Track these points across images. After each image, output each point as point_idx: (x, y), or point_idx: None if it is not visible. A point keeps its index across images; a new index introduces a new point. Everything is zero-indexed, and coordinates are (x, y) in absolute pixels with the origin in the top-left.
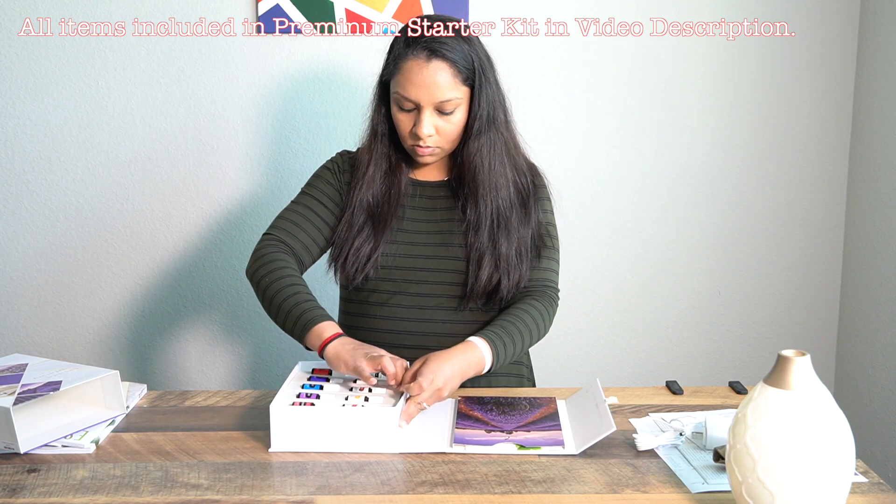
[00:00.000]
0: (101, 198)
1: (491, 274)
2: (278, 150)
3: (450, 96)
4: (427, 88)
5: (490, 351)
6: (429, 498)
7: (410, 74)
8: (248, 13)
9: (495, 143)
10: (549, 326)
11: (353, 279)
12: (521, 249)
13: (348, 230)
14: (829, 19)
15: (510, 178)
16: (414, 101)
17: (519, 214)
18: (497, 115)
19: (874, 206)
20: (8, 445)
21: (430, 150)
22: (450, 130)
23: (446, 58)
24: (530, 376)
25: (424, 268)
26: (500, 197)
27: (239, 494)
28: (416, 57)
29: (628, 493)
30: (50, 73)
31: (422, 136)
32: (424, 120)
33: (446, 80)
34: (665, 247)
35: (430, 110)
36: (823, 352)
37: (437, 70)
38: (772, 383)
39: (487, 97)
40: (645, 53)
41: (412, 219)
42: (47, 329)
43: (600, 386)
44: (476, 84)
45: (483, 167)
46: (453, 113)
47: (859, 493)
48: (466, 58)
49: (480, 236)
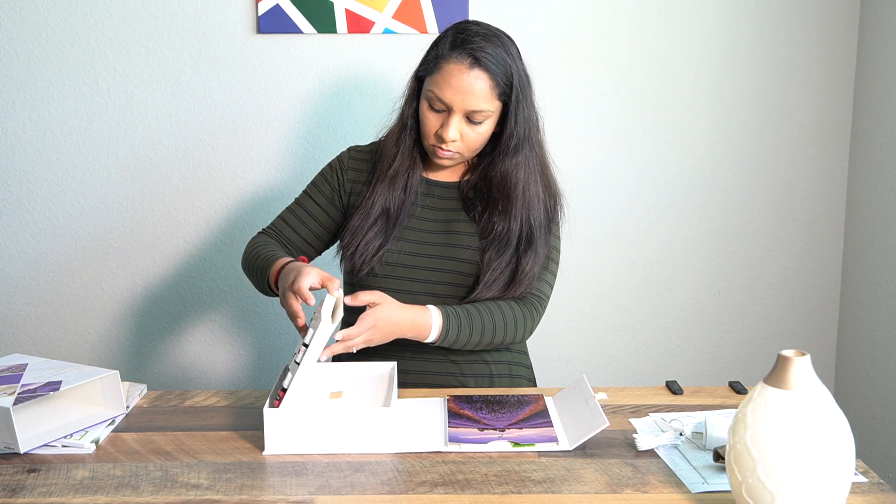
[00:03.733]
0: (101, 198)
1: (501, 290)
2: (278, 150)
3: (483, 107)
4: (463, 94)
5: (440, 323)
6: (429, 498)
7: (450, 77)
8: (248, 13)
9: (530, 161)
10: (527, 333)
11: (360, 270)
12: (534, 269)
13: (363, 220)
14: (829, 19)
15: (542, 197)
16: (447, 103)
17: (545, 234)
18: (532, 134)
19: (874, 206)
20: (8, 445)
21: (450, 153)
22: (473, 139)
23: (489, 69)
24: (530, 376)
25: (429, 267)
26: (532, 216)
27: (239, 494)
28: (458, 61)
29: (628, 493)
30: (50, 73)
31: (446, 139)
32: (452, 124)
33: (483, 91)
34: (665, 247)
35: (459, 116)
36: (823, 352)
37: (476, 79)
38: (772, 383)
39: (524, 115)
40: (645, 53)
41: (421, 217)
42: (47, 329)
43: (587, 382)
44: (513, 101)
45: (518, 185)
46: (481, 124)
47: (859, 493)
48: (507, 73)
49: (506, 253)
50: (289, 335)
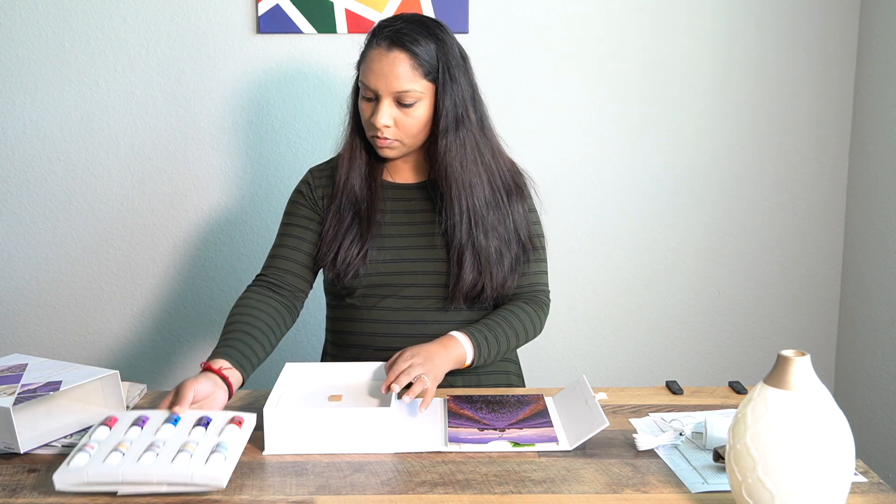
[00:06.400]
0: (101, 198)
1: (472, 274)
2: (278, 150)
3: (408, 87)
4: (385, 77)
5: (471, 345)
6: (429, 498)
7: (371, 62)
8: (248, 13)
9: (466, 143)
10: (540, 329)
11: (344, 276)
12: (501, 249)
13: (338, 226)
14: (829, 19)
15: (484, 177)
16: (373, 89)
17: (496, 214)
18: (467, 115)
19: (874, 206)
20: (8, 445)
21: (388, 142)
22: (409, 124)
23: (406, 48)
24: (518, 372)
25: (411, 271)
26: (475, 196)
27: (239, 494)
28: (377, 46)
29: (628, 493)
30: (50, 73)
31: (378, 125)
32: (382, 109)
33: (405, 71)
34: (665, 247)
35: (388, 100)
36: (823, 352)
37: (396, 60)
38: (772, 383)
39: (454, 97)
40: (645, 53)
41: (393, 223)
42: (47, 329)
43: (587, 382)
44: (440, 81)
45: (454, 166)
46: (413, 106)
47: (859, 493)
48: (430, 53)
49: (458, 236)
50: (288, 335)
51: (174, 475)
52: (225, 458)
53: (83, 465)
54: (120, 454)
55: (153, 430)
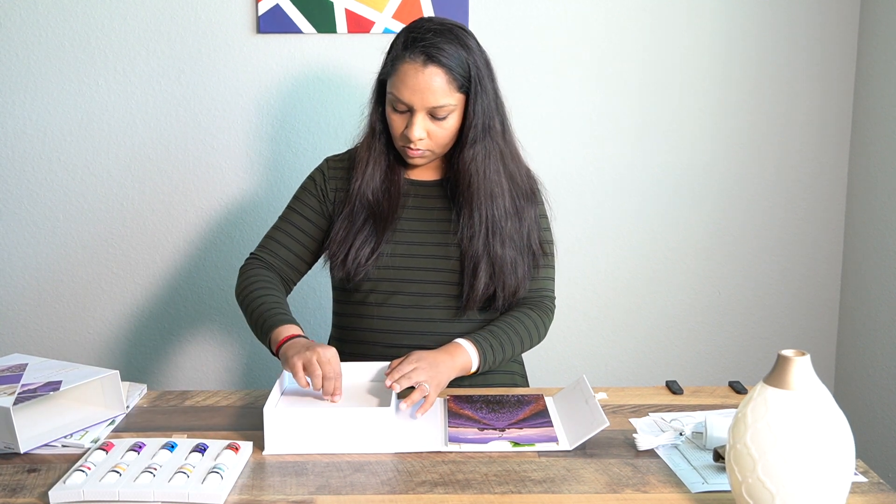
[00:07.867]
0: (101, 198)
1: (486, 283)
2: (278, 150)
3: (443, 102)
4: (421, 93)
5: (477, 353)
6: (429, 498)
7: (406, 77)
8: (248, 13)
9: (490, 152)
10: (544, 334)
11: (354, 276)
12: (516, 259)
13: (349, 227)
14: (829, 19)
15: (506, 187)
16: (407, 104)
17: (514, 224)
18: (493, 125)
19: (874, 206)
20: (8, 445)
21: (420, 152)
22: (441, 135)
23: (442, 64)
24: (523, 373)
25: (422, 267)
26: (496, 206)
27: (239, 494)
28: (412, 60)
29: (628, 493)
30: (50, 73)
31: (413, 139)
32: (416, 123)
33: (440, 87)
34: (665, 247)
35: (422, 114)
36: (823, 352)
37: (432, 76)
38: (772, 383)
39: (483, 106)
40: (645, 53)
41: (408, 218)
42: (47, 329)
43: (588, 382)
44: (471, 92)
45: (478, 176)
46: (446, 119)
47: (859, 493)
48: (463, 65)
49: (475, 244)
50: None
51: (171, 494)
52: (222, 478)
53: (80, 484)
54: (117, 474)
55: (150, 454)
